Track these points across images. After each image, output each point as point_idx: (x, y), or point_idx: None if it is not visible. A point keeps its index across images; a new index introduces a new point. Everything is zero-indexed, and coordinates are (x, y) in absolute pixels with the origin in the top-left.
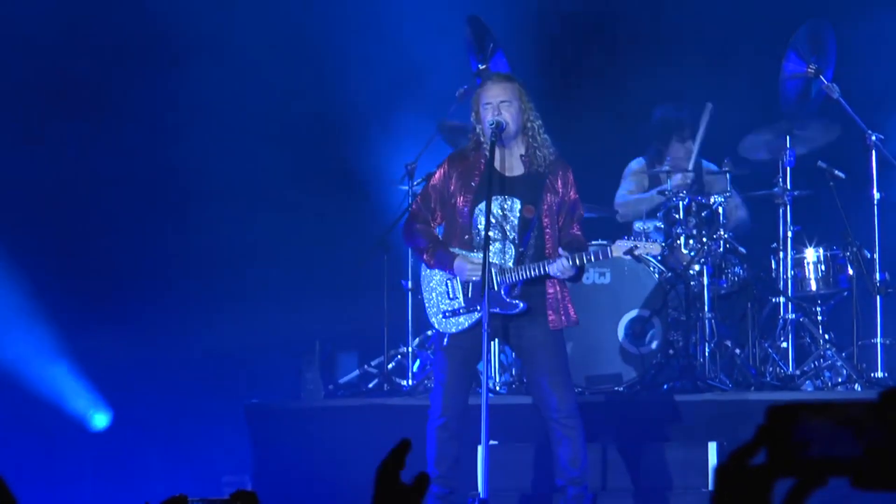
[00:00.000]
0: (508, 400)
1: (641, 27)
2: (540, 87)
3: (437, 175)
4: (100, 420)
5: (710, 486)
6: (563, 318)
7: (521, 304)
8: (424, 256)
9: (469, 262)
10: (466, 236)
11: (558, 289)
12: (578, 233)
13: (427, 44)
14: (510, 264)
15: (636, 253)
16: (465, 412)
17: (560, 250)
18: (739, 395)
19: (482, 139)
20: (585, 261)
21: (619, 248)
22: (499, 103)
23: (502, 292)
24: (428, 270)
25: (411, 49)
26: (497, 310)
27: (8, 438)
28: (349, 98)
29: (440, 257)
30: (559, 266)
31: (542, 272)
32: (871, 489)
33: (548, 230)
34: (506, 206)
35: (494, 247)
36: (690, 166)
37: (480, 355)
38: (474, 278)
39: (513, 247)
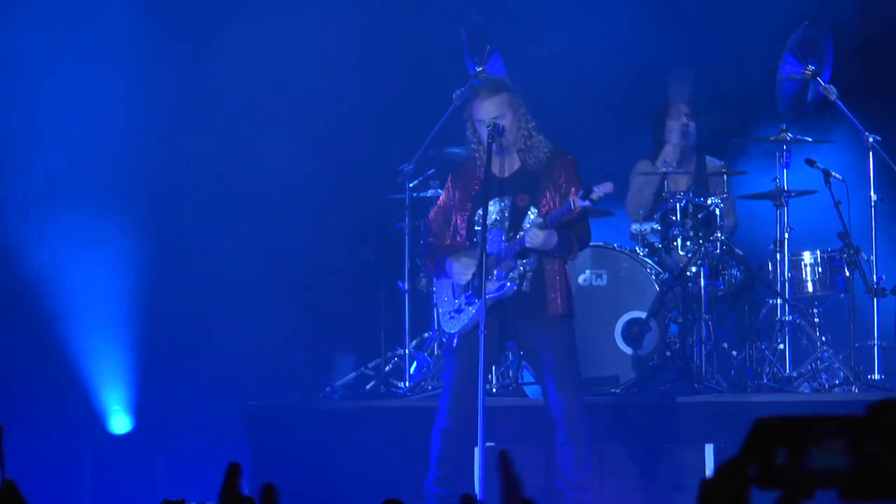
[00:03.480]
0: (505, 402)
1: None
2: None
3: (442, 197)
4: (121, 424)
5: None
6: (563, 304)
7: (510, 284)
8: (431, 270)
9: (459, 263)
10: (474, 240)
11: (558, 278)
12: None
13: (426, 45)
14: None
15: (593, 197)
16: (472, 415)
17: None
18: (736, 397)
19: (478, 154)
20: (557, 221)
21: (577, 200)
22: (492, 120)
23: (494, 274)
24: (438, 281)
25: (410, 50)
26: (494, 294)
27: (14, 437)
28: (349, 99)
29: (439, 265)
30: (532, 232)
31: (523, 243)
32: (859, 501)
33: None
34: (504, 206)
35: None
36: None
37: (489, 359)
38: (468, 277)
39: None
